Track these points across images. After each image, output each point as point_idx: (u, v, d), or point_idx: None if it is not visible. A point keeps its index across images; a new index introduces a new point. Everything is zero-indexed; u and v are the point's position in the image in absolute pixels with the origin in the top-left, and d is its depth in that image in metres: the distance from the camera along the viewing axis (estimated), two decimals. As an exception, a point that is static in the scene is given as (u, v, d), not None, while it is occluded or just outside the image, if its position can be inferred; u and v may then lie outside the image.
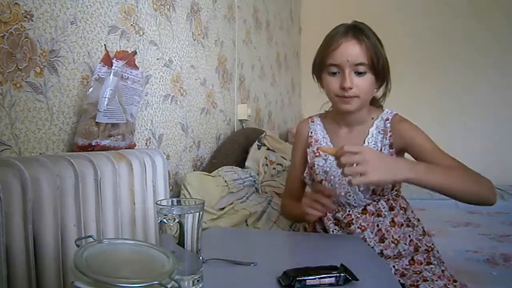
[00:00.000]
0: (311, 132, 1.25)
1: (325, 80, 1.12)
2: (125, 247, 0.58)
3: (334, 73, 1.09)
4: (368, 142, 1.14)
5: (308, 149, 1.23)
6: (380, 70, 1.09)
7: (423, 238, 1.15)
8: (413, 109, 3.62)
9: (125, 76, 1.05)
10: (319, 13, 3.85)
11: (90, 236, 0.58)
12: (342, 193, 1.13)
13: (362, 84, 1.07)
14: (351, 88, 1.06)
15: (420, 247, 1.12)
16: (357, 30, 1.08)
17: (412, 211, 1.20)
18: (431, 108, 3.70)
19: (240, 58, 2.27)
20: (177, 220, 0.68)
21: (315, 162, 1.20)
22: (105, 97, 0.96)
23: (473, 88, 3.62)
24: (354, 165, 0.89)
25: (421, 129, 1.11)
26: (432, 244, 1.15)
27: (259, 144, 2.03)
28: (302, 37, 4.04)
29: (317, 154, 1.20)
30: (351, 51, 1.06)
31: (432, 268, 1.09)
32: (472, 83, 3.62)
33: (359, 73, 1.07)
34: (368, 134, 1.15)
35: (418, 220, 1.19)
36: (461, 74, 3.64)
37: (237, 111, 2.21)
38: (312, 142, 1.23)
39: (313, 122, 1.27)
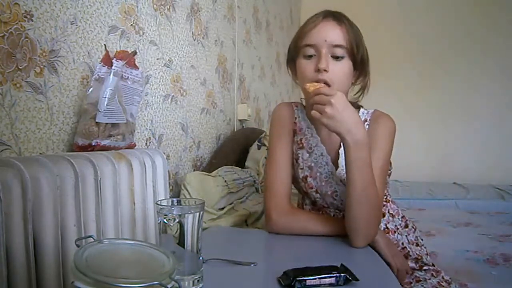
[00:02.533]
0: (296, 118, 1.12)
1: (299, 65, 1.02)
2: (125, 247, 0.58)
3: (309, 56, 0.99)
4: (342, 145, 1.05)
5: (294, 138, 1.10)
6: (359, 59, 1.00)
7: (412, 246, 1.12)
8: (416, 108, 3.66)
9: (125, 76, 1.05)
10: (319, 13, 3.84)
11: (90, 236, 0.58)
12: (329, 192, 1.07)
13: (338, 70, 0.98)
14: (326, 71, 0.96)
15: (410, 255, 1.10)
16: (338, 14, 1.01)
17: (402, 217, 1.15)
18: (433, 108, 3.71)
19: (240, 58, 2.27)
20: (177, 220, 0.68)
21: (299, 155, 1.09)
22: (105, 97, 0.96)
23: (476, 88, 3.62)
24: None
25: (392, 142, 1.04)
26: (420, 253, 1.12)
27: (259, 144, 2.03)
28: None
29: (301, 145, 1.09)
30: (330, 31, 0.98)
31: (424, 268, 1.10)
32: (475, 83, 3.62)
33: (336, 58, 0.98)
34: None
35: (407, 226, 1.15)
36: (464, 74, 3.64)
37: (237, 111, 2.21)
38: (296, 130, 1.11)
39: (297, 107, 1.13)
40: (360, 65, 1.02)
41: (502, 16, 3.55)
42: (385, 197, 1.12)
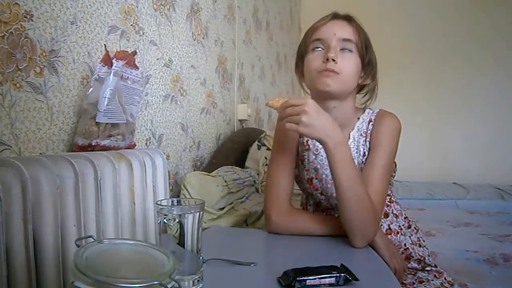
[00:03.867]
0: None
1: (307, 60, 1.02)
2: (125, 247, 0.58)
3: (318, 51, 1.00)
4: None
5: (299, 139, 1.11)
6: (367, 59, 1.00)
7: (415, 247, 1.11)
8: (416, 108, 3.66)
9: (125, 76, 1.05)
10: (319, 13, 3.82)
11: (90, 236, 0.58)
12: (334, 194, 1.05)
13: (347, 61, 0.97)
14: (334, 60, 0.95)
15: (412, 256, 1.09)
16: (349, 16, 1.02)
17: (405, 217, 1.14)
18: (433, 108, 3.70)
19: (240, 58, 2.27)
20: (177, 220, 0.68)
21: (305, 157, 1.09)
22: (105, 97, 0.96)
23: (476, 88, 3.62)
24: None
25: (396, 141, 1.03)
26: (422, 253, 1.11)
27: (259, 144, 2.03)
28: (302, 37, 4.03)
29: (307, 147, 1.09)
30: (340, 27, 0.99)
31: (427, 269, 1.09)
32: (475, 83, 3.62)
33: (345, 51, 0.98)
34: (349, 138, 1.06)
35: (410, 226, 1.14)
36: (466, 74, 3.64)
37: (237, 111, 2.21)
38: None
39: None
40: (368, 66, 1.02)
41: (506, 16, 3.54)
42: (389, 197, 1.11)
